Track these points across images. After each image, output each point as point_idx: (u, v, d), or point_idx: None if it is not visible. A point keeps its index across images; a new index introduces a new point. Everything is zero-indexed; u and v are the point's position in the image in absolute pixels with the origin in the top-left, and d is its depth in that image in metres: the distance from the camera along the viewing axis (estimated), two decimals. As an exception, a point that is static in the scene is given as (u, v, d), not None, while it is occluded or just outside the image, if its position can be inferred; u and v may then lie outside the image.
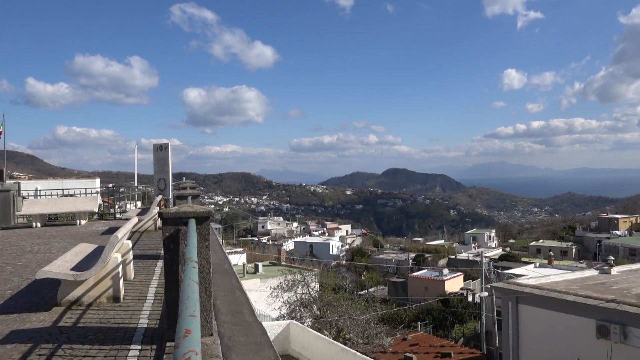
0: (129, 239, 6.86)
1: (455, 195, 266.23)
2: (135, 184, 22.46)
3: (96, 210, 12.76)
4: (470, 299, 31.55)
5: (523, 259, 46.91)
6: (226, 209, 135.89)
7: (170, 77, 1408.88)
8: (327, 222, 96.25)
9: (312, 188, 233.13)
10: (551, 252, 43.43)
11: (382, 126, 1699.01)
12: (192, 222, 3.32)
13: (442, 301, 30.23)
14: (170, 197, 11.13)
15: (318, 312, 19.73)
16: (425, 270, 40.96)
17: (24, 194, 16.13)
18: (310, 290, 21.85)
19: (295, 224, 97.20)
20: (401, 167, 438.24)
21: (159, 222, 10.82)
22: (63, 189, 16.87)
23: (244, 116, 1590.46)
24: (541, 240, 64.45)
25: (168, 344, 3.48)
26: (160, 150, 11.75)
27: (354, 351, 8.79)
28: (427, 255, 54.38)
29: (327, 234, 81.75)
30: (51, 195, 15.62)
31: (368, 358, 8.62)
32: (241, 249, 44.54)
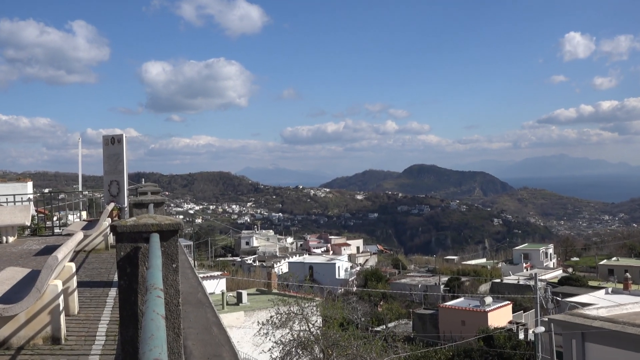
0: (72, 260, 6.92)
1: (500, 200, 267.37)
2: (80, 189, 22.65)
3: (28, 223, 12.85)
4: (521, 335, 31.70)
5: (590, 283, 47.28)
6: (199, 220, 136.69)
7: (126, 47, 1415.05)
8: (332, 237, 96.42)
9: (312, 192, 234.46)
10: (628, 274, 43.37)
11: (403, 110, 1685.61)
12: (155, 238, 3.36)
13: (485, 339, 30.64)
14: (126, 205, 11.43)
15: (321, 355, 19.89)
16: (461, 299, 41.09)
17: None
18: (311, 326, 21.91)
19: (289, 239, 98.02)
20: (428, 162, 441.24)
21: (112, 239, 11.24)
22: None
23: (222, 98, 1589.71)
24: (614, 258, 64.21)
25: (125, 399, 3.56)
26: (112, 143, 11.79)
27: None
28: (463, 278, 54.61)
29: (331, 252, 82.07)
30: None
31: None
32: (219, 273, 45.24)
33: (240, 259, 74.72)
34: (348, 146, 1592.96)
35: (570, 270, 62.19)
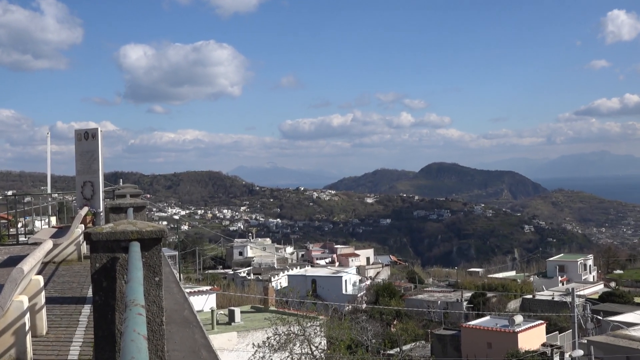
0: (39, 273, 6.90)
1: (531, 203, 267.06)
2: (49, 191, 22.68)
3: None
4: (556, 359, 31.40)
5: (636, 300, 47.24)
6: (185, 227, 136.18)
7: (101, 28, 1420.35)
8: (338, 246, 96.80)
9: (315, 194, 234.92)
10: (680, 289, 43.25)
11: (420, 100, 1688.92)
12: (135, 248, 3.38)
13: (514, 364, 30.65)
14: (102, 209, 11.49)
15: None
16: (487, 318, 40.87)
17: None
18: (314, 348, 21.91)
19: (289, 249, 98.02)
20: (449, 160, 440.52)
21: (85, 248, 11.03)
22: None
23: (212, 87, 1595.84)
24: (664, 271, 64.05)
25: None
26: (86, 139, 11.83)
27: None
28: (489, 294, 54.76)
29: (337, 264, 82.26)
30: None
31: None
32: (208, 288, 45.19)
33: (232, 272, 75.15)
34: (357, 142, 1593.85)
35: (612, 284, 62.02)
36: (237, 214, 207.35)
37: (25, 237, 14.78)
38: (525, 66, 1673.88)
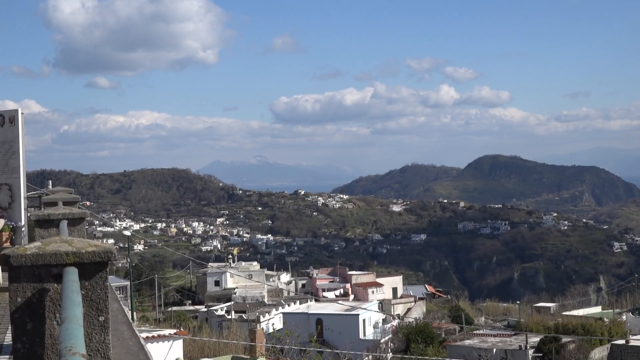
0: None
1: (623, 212, 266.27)
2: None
3: None
4: None
5: None
6: (140, 247, 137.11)
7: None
8: (353, 272, 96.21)
9: (321, 200, 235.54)
10: None
11: (467, 68, 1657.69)
12: (72, 275, 3.36)
13: None
14: (24, 222, 11.31)
15: None
16: (562, 372, 41.00)
17: None
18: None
19: (285, 277, 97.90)
20: (508, 152, 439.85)
21: (1, 277, 10.87)
22: None
23: (176, 51, 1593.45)
24: None
25: None
26: (1, 125, 11.86)
27: None
28: (565, 339, 54.59)
29: (353, 297, 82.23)
30: None
31: None
32: (173, 331, 42.93)
33: (206, 309, 75.36)
34: (378, 126, 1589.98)
35: None
36: (211, 227, 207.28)
37: None
38: (615, 22, 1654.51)
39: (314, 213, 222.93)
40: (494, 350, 53.46)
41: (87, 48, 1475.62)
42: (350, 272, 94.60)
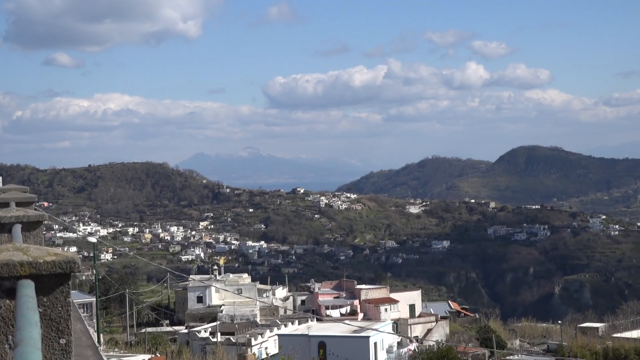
0: None
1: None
2: None
3: None
4: None
5: None
6: (108, 256, 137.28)
7: None
8: (362, 287, 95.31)
9: (324, 200, 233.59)
10: None
11: (499, 42, 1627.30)
12: (28, 290, 3.56)
13: None
14: None
15: None
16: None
17: None
18: None
19: (281, 292, 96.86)
20: (547, 143, 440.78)
21: None
22: None
23: (151, 22, 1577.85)
24: None
25: None
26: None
27: None
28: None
29: (362, 315, 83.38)
30: None
31: None
32: (147, 357, 46.62)
33: (186, 330, 76.77)
34: (393, 112, 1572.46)
35: None
36: (193, 233, 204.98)
37: None
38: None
39: (316, 215, 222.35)
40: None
41: (45, 19, 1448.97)
42: (358, 286, 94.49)
